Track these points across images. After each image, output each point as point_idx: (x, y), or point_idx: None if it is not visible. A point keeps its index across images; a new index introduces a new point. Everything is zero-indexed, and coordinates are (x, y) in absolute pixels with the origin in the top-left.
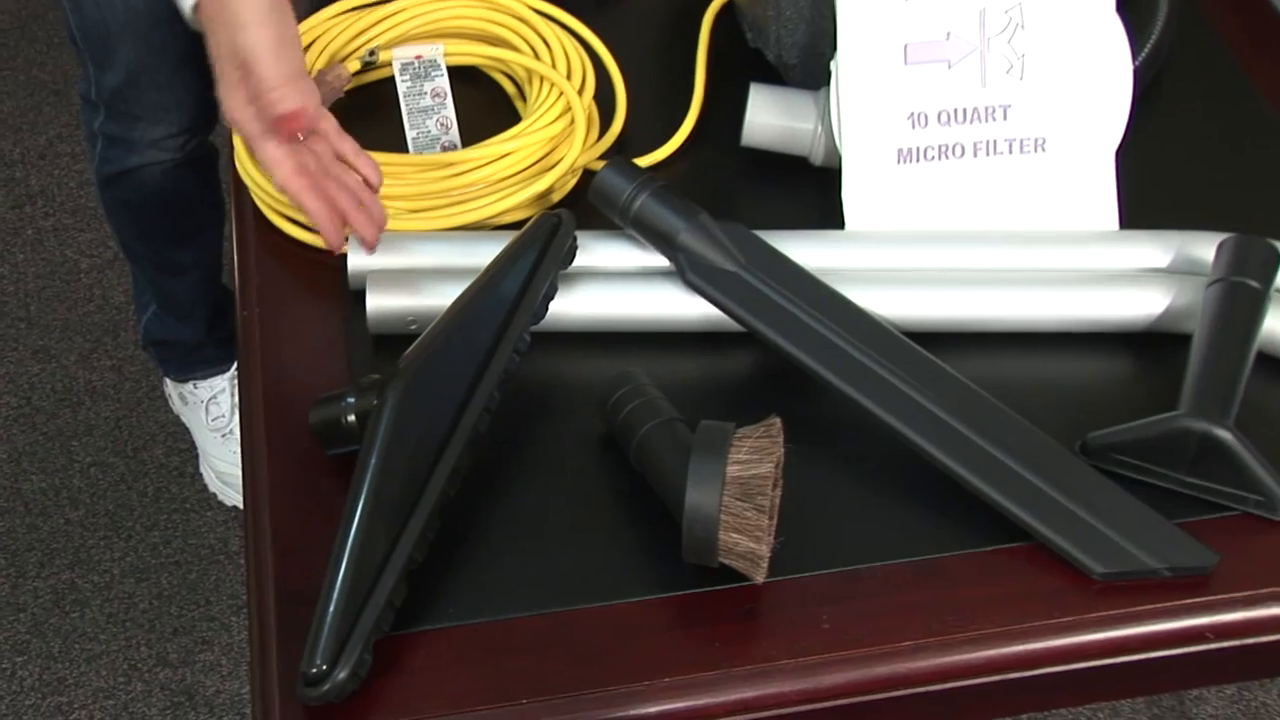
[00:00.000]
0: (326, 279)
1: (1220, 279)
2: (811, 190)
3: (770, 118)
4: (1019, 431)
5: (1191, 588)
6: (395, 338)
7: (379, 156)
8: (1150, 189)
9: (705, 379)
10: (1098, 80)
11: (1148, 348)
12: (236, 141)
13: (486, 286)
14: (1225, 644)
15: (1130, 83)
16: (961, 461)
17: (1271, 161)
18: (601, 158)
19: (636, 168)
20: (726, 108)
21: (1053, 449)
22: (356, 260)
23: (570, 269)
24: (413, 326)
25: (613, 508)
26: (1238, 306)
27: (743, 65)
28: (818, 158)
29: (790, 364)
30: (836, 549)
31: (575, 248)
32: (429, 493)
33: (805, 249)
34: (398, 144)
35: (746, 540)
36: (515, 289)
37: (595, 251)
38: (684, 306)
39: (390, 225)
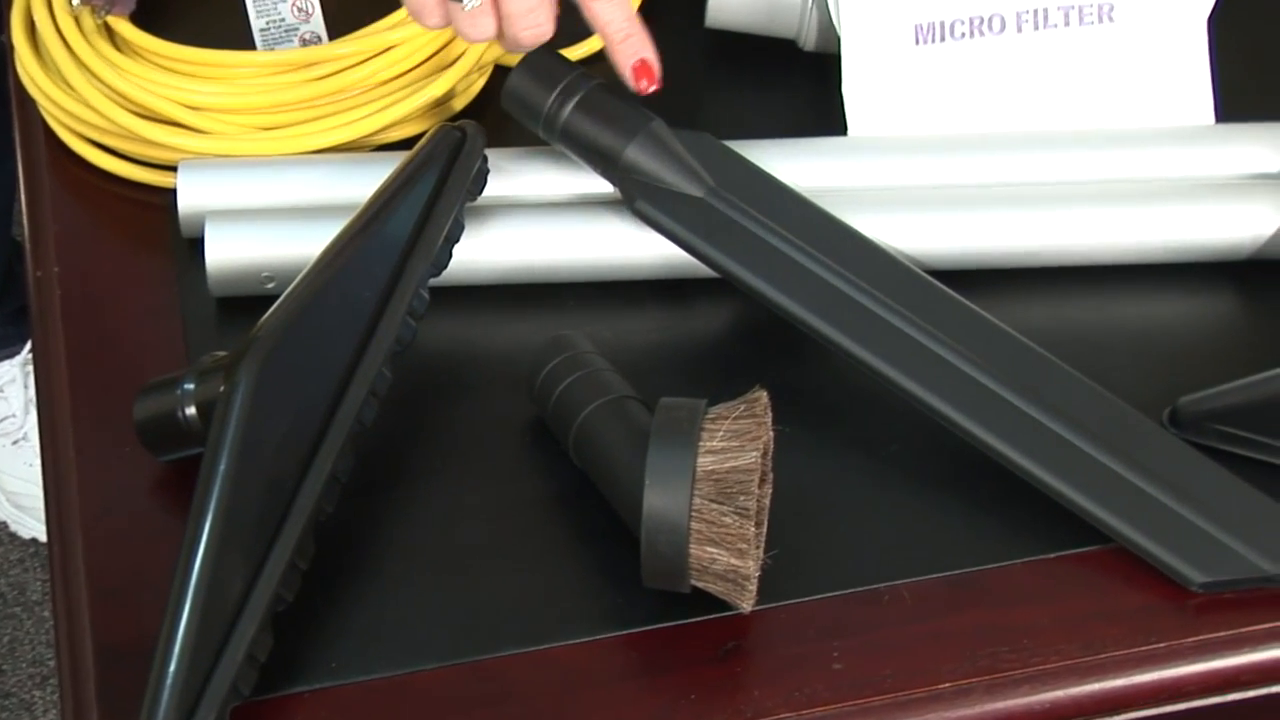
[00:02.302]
0: (150, 223)
1: None
2: (801, 85)
3: None
4: (1087, 399)
5: None
6: (247, 301)
7: (215, 56)
8: (1254, 68)
9: (665, 342)
10: None
11: (1256, 280)
12: (16, 35)
13: (368, 228)
14: None
15: None
16: (1011, 441)
17: None
18: None
19: (564, 61)
20: None
21: (1133, 420)
22: (190, 197)
23: (480, 200)
24: (270, 285)
25: (547, 519)
26: None
27: None
28: (809, 40)
29: (777, 317)
30: (847, 563)
31: (486, 172)
32: (298, 509)
33: (795, 163)
34: (241, 39)
35: (727, 555)
36: (406, 230)
37: (513, 175)
38: (634, 246)
39: (234, 148)
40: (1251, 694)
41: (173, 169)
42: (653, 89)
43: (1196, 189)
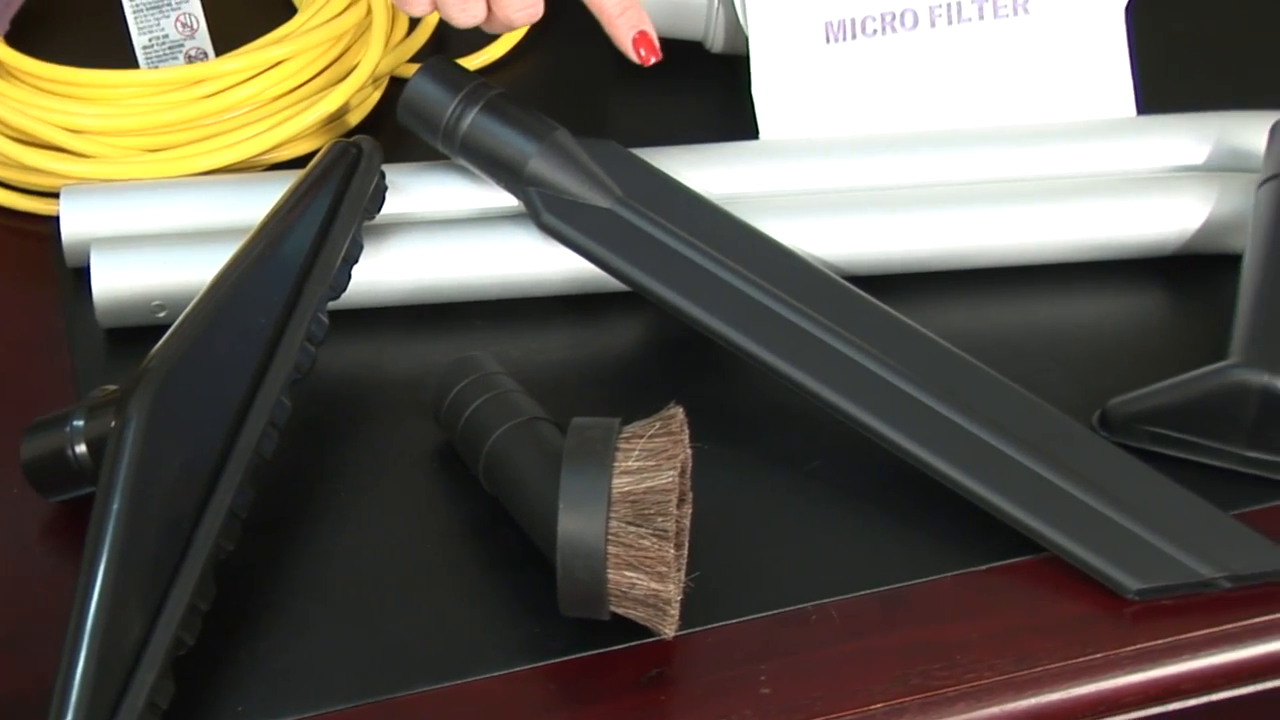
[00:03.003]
0: (32, 253)
1: (1276, 175)
2: (710, 88)
3: None
4: (1014, 404)
5: (1261, 602)
6: (137, 332)
7: (96, 76)
8: (1174, 58)
9: (576, 359)
10: None
11: (1183, 276)
12: None
13: (261, 252)
14: None
15: None
16: (937, 450)
17: None
18: (413, 60)
19: (463, 71)
20: None
21: (1062, 425)
22: (74, 225)
23: (379, 219)
24: (161, 314)
25: (458, 549)
26: None
27: None
28: (716, 42)
29: (692, 331)
30: (772, 583)
31: (384, 189)
32: (197, 548)
33: (705, 170)
34: (123, 57)
35: (647, 579)
36: (302, 252)
37: (412, 192)
38: (541, 261)
39: (119, 172)
40: (1193, 703)
41: (55, 195)
42: (654, 60)
43: (1119, 184)
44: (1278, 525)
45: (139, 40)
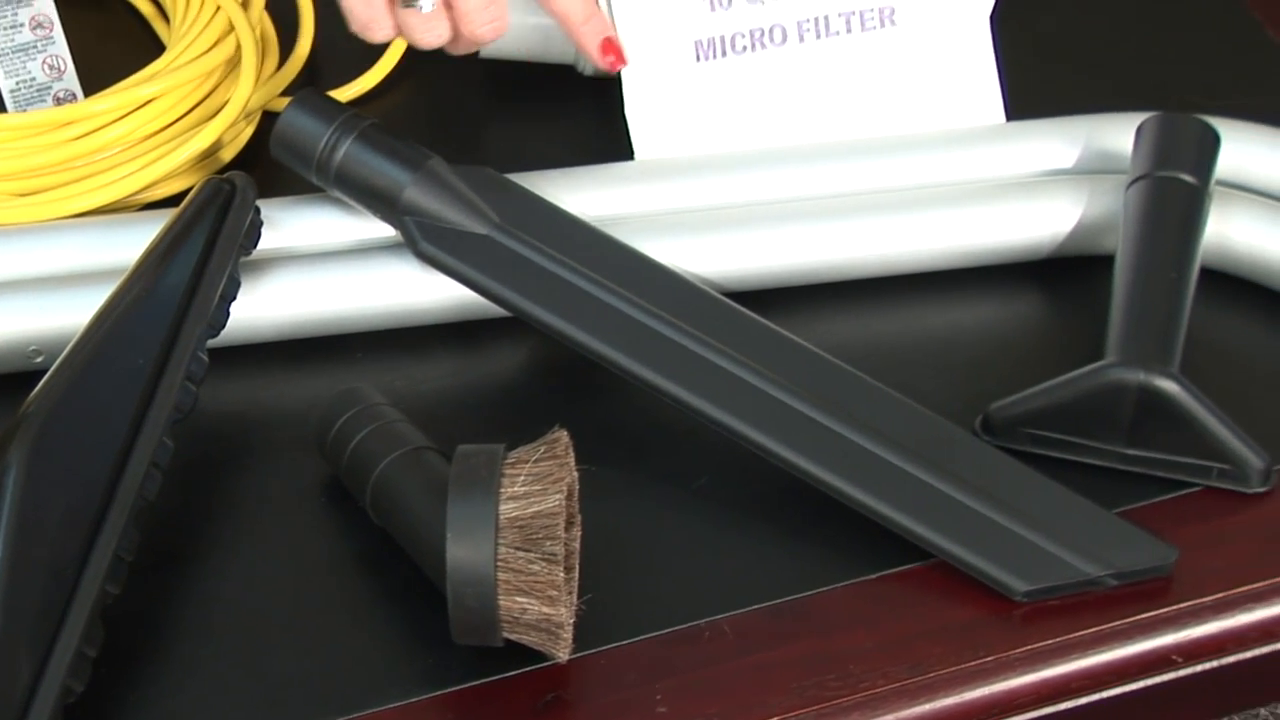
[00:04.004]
0: None
1: (1144, 175)
2: (583, 111)
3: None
4: (897, 412)
5: (1146, 598)
6: (13, 378)
7: None
8: (1039, 63)
9: (459, 387)
10: None
11: (1057, 278)
12: None
13: (137, 292)
14: (1200, 667)
15: None
16: (823, 461)
17: (1194, 12)
18: (284, 94)
19: (335, 104)
20: None
21: (944, 431)
22: None
23: (255, 254)
24: (38, 360)
25: (349, 581)
26: (1170, 210)
27: None
28: (588, 64)
29: (574, 354)
30: (664, 602)
31: (260, 224)
32: (83, 594)
33: (580, 193)
34: None
35: (538, 604)
36: (179, 291)
37: (288, 226)
38: (420, 290)
39: None
40: (1087, 700)
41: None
42: (621, 66)
43: (992, 190)
44: (1159, 521)
45: (5, 84)
